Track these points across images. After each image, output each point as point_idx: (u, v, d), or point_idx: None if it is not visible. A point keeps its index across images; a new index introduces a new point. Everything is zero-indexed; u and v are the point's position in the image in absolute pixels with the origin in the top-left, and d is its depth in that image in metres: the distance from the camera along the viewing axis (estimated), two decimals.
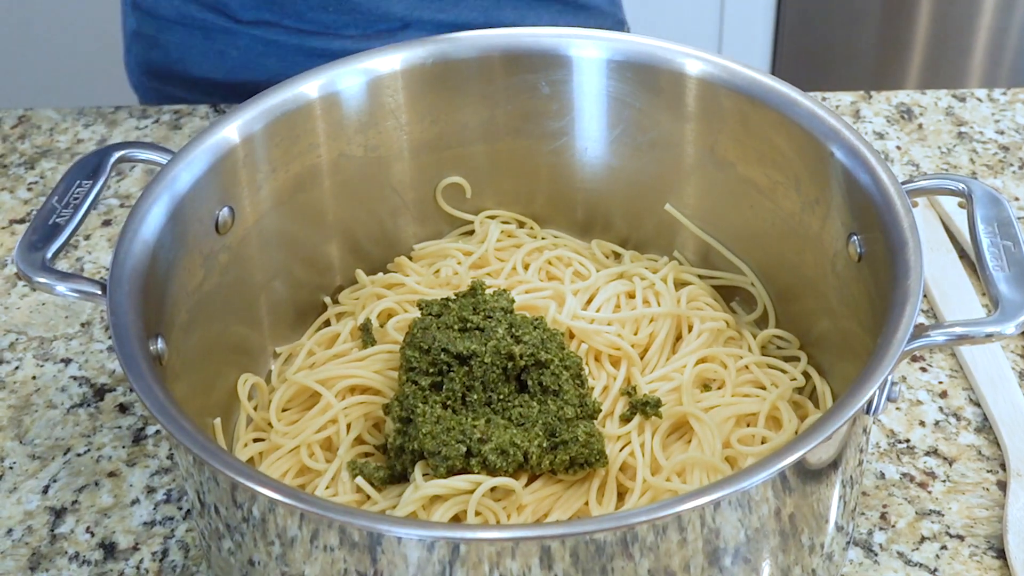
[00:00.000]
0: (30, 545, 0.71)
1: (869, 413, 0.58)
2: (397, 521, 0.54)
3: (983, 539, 0.69)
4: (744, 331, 0.75)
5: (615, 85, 0.76)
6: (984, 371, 0.78)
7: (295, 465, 0.69)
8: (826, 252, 0.69)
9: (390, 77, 0.74)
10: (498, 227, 0.81)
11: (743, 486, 0.52)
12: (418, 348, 0.68)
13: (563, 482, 0.66)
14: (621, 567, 0.53)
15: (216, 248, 0.69)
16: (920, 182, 0.66)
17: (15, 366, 0.82)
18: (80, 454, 0.76)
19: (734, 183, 0.75)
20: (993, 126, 1.00)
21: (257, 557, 0.57)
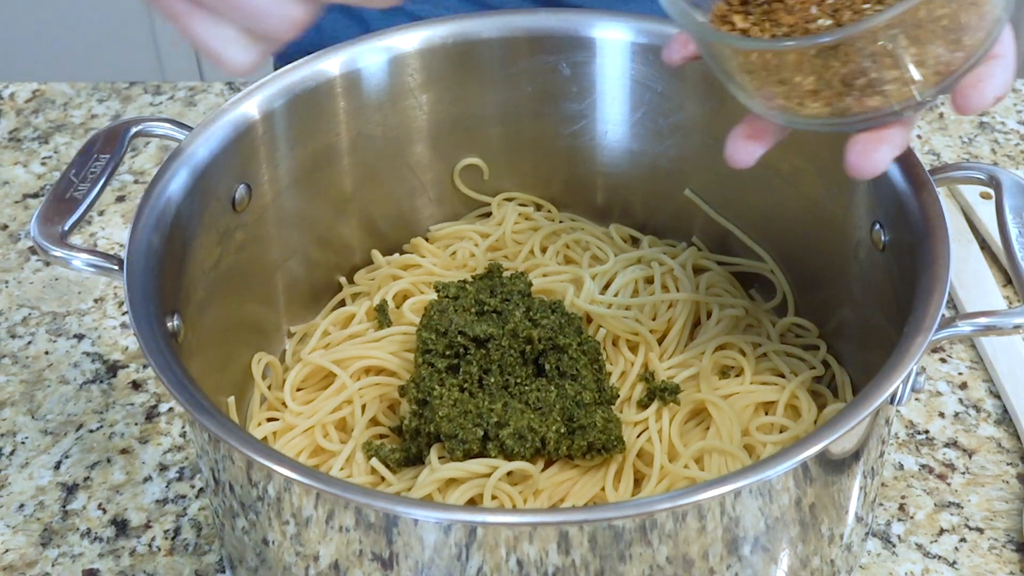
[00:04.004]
0: (42, 521, 0.70)
1: (893, 404, 0.57)
2: (415, 503, 0.54)
3: (1003, 532, 0.69)
4: (763, 318, 0.75)
5: (638, 68, 0.75)
6: (1005, 363, 0.77)
7: (309, 445, 0.68)
8: (849, 240, 0.69)
9: (411, 56, 0.74)
10: (516, 210, 0.80)
11: (766, 475, 0.51)
12: (435, 330, 0.67)
13: (579, 467, 0.65)
14: (639, 553, 0.52)
15: (233, 226, 0.69)
16: (947, 171, 0.65)
17: (28, 341, 0.82)
18: (92, 430, 0.76)
19: (756, 169, 0.73)
20: (1015, 116, 0.99)
21: (271, 536, 0.57)
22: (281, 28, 0.48)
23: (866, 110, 0.54)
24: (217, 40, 0.48)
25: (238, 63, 0.49)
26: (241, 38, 0.48)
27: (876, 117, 0.54)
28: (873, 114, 0.54)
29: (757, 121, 0.58)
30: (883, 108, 0.54)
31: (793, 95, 0.54)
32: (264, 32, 0.48)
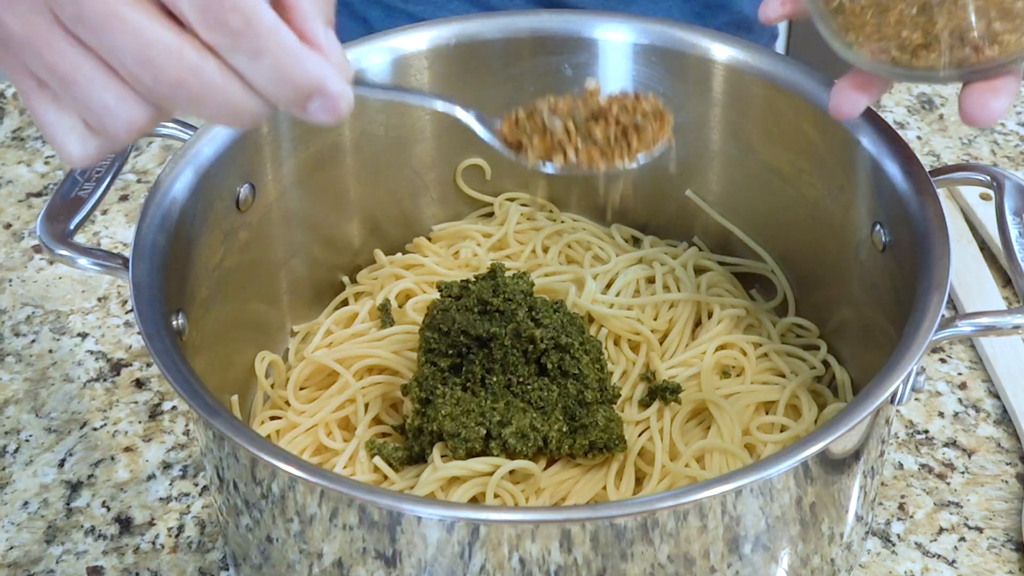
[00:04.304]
0: (46, 518, 0.71)
1: (893, 403, 0.58)
2: (418, 500, 0.54)
3: (1002, 531, 0.69)
4: (764, 318, 0.75)
5: (640, 69, 0.75)
6: (1004, 363, 0.78)
7: (312, 444, 0.68)
8: (849, 241, 0.69)
9: (415, 56, 0.74)
10: (518, 209, 0.81)
11: (766, 474, 0.51)
12: (437, 329, 0.67)
13: (581, 466, 0.66)
14: (641, 552, 0.52)
15: (236, 225, 0.69)
16: (947, 172, 0.65)
17: (31, 339, 0.82)
18: (96, 428, 0.76)
19: (757, 169, 0.75)
20: (1015, 118, 1.00)
21: (275, 534, 0.57)
22: (121, 129, 0.45)
23: (982, 61, 0.54)
24: (58, 126, 0.46)
25: (74, 155, 0.46)
26: (81, 129, 0.46)
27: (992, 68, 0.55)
28: (988, 65, 0.54)
29: (863, 73, 0.59)
30: (999, 59, 0.54)
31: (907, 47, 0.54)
32: (103, 130, 0.45)
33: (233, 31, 0.42)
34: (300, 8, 0.45)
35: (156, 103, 0.44)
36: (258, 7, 0.43)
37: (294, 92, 0.44)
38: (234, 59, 0.43)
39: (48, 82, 0.44)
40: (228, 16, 0.42)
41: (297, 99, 0.45)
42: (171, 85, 0.43)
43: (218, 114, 0.45)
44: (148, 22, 0.42)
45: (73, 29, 0.43)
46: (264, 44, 0.43)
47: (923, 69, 0.56)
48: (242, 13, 0.42)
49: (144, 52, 0.42)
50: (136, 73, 0.43)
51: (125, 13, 0.42)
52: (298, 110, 0.45)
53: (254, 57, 0.43)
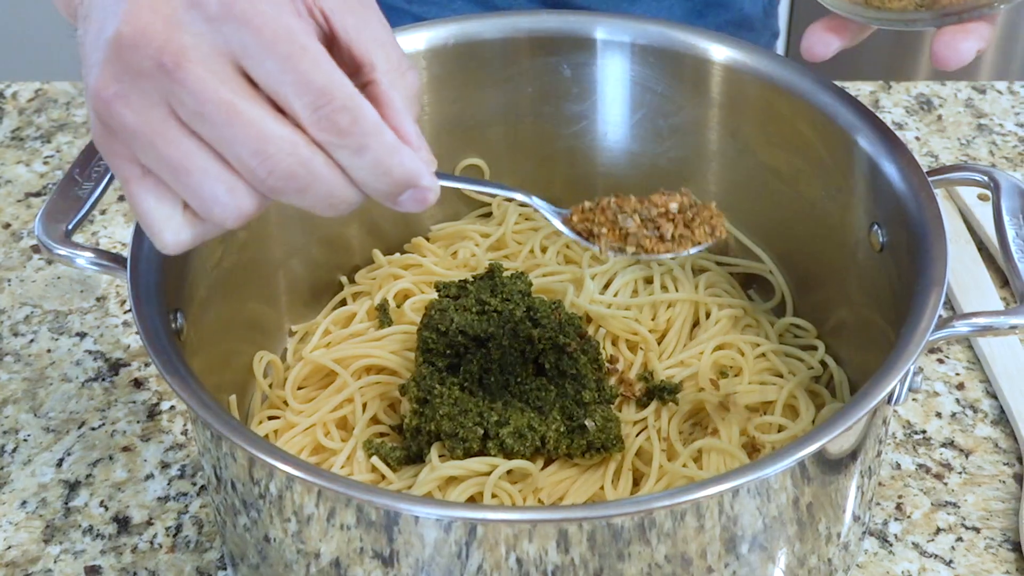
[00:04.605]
0: (44, 517, 0.71)
1: (890, 403, 0.58)
2: (415, 500, 0.54)
3: (999, 532, 0.69)
4: (761, 319, 0.75)
5: (638, 69, 0.75)
6: (1002, 363, 0.78)
7: (310, 443, 0.68)
8: (847, 241, 0.69)
9: (413, 57, 0.74)
10: (516, 210, 0.81)
11: (763, 474, 0.51)
12: (435, 330, 0.67)
13: (579, 466, 0.66)
14: (638, 552, 0.53)
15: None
16: (945, 172, 0.65)
17: (30, 339, 0.82)
18: (95, 428, 0.76)
19: (755, 170, 0.75)
20: (1013, 119, 1.00)
21: (273, 534, 0.57)
22: (229, 217, 0.47)
23: (953, 3, 0.55)
24: (157, 213, 0.48)
25: (168, 242, 0.48)
26: (180, 218, 0.48)
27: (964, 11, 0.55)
28: (960, 7, 0.55)
29: (839, 17, 0.60)
30: (970, 2, 0.54)
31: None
32: (209, 217, 0.47)
33: (341, 129, 0.45)
34: (394, 106, 0.48)
35: (265, 192, 0.46)
36: (363, 107, 0.45)
37: (392, 186, 0.47)
38: (339, 154, 0.46)
39: (158, 172, 0.46)
40: (338, 116, 0.45)
41: (393, 192, 0.48)
42: (283, 177, 0.46)
43: (320, 203, 0.47)
44: (265, 118, 0.45)
45: (190, 123, 0.45)
46: (368, 142, 0.46)
47: (896, 11, 0.56)
48: (350, 113, 0.45)
49: (261, 146, 0.45)
50: (251, 165, 0.45)
51: (245, 109, 0.44)
52: (390, 200, 0.48)
53: (358, 153, 0.46)
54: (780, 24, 1.77)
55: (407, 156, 0.47)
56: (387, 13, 0.92)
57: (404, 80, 0.49)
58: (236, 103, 0.44)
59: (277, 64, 0.44)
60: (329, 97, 0.45)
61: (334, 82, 0.45)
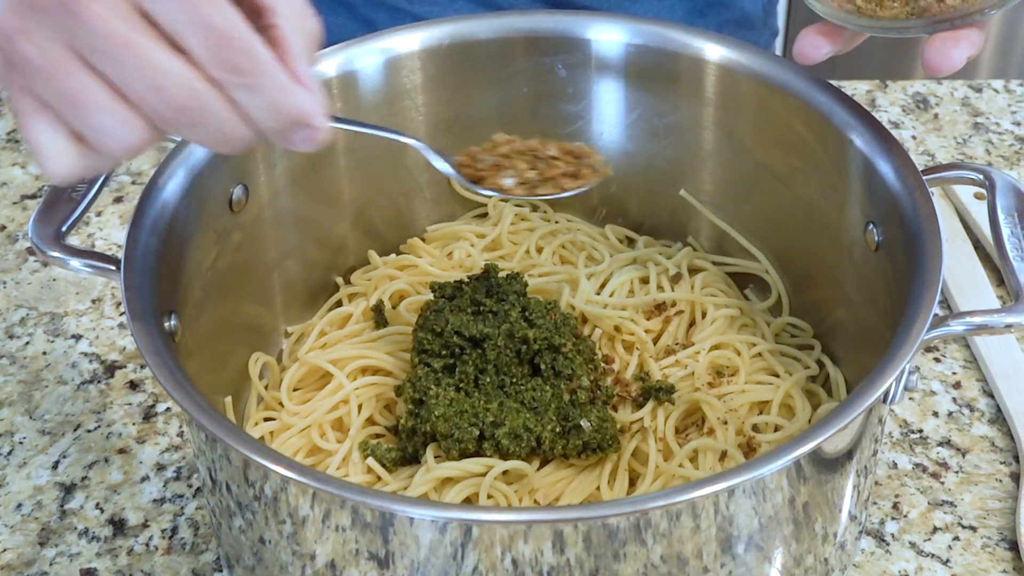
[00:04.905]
0: (39, 520, 0.71)
1: (886, 402, 0.58)
2: (410, 501, 0.54)
3: (996, 531, 0.69)
4: (758, 318, 0.75)
5: (633, 69, 0.75)
6: (998, 363, 0.78)
7: (306, 445, 0.68)
8: (843, 240, 0.69)
9: (408, 57, 0.74)
10: (512, 210, 0.81)
11: (758, 473, 0.51)
12: (431, 330, 0.67)
13: (574, 466, 0.66)
14: (634, 552, 0.52)
15: (230, 226, 0.69)
16: (941, 171, 0.65)
17: (25, 341, 0.82)
18: (90, 430, 0.76)
19: (751, 169, 0.75)
20: (1010, 117, 1.00)
21: (268, 536, 0.57)
22: (118, 149, 0.49)
23: (944, 11, 0.55)
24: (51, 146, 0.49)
25: (60, 172, 0.50)
26: (73, 149, 0.49)
27: (954, 19, 0.55)
28: (951, 15, 0.55)
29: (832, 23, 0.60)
30: (961, 9, 0.55)
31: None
32: (101, 149, 0.49)
33: (238, 69, 0.47)
34: (292, 50, 0.50)
35: (159, 125, 0.48)
36: (260, 48, 0.48)
37: (284, 123, 0.50)
38: (235, 92, 0.48)
39: (55, 105, 0.48)
40: (235, 56, 0.47)
41: (285, 129, 0.50)
42: (177, 110, 0.47)
43: (212, 138, 0.49)
44: (161, 53, 0.47)
45: (89, 58, 0.47)
46: (263, 81, 0.48)
47: (888, 19, 0.56)
48: (247, 54, 0.47)
49: (156, 79, 0.47)
50: (146, 97, 0.47)
51: (142, 45, 0.46)
52: (283, 138, 0.51)
53: (253, 92, 0.48)
54: (779, 24, 1.78)
55: (300, 95, 0.49)
56: (389, 13, 0.93)
57: (304, 25, 0.51)
58: (133, 38, 0.46)
59: (176, 4, 0.46)
60: (228, 39, 0.47)
61: (232, 23, 0.47)
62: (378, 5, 0.94)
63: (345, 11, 0.95)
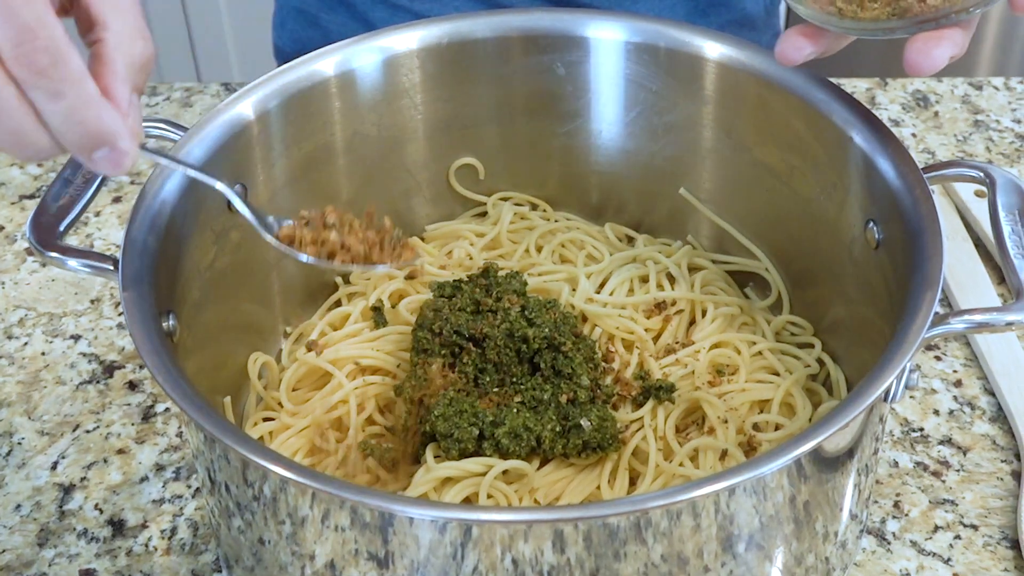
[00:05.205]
0: (38, 521, 0.71)
1: (887, 401, 0.58)
2: (410, 501, 0.54)
3: (997, 529, 0.69)
4: (758, 317, 0.75)
5: (632, 67, 0.75)
6: (999, 361, 0.77)
7: (305, 445, 0.68)
8: (843, 238, 0.69)
9: (406, 56, 0.74)
10: (511, 209, 0.80)
11: (759, 472, 0.51)
12: (430, 330, 0.67)
13: (575, 466, 0.66)
14: (634, 552, 0.52)
15: (228, 226, 0.69)
16: (941, 169, 0.65)
17: (24, 342, 0.82)
18: (89, 431, 0.76)
19: (750, 167, 0.74)
20: (1010, 115, 1.00)
21: (267, 536, 0.57)
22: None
23: (926, 11, 0.55)
24: None
25: None
26: None
27: (933, 19, 0.55)
28: (932, 15, 0.55)
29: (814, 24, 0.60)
30: (942, 8, 0.54)
31: None
32: None
33: (39, 69, 0.45)
34: (113, 67, 0.48)
35: None
36: (68, 52, 0.45)
37: (84, 138, 0.47)
38: (33, 94, 0.45)
39: None
40: (37, 55, 0.44)
41: (86, 145, 0.48)
42: None
43: (8, 140, 0.47)
44: None
45: None
46: (65, 88, 0.46)
47: (869, 20, 0.56)
48: (51, 55, 0.45)
49: None
50: None
51: None
52: (83, 155, 0.48)
53: (54, 97, 0.46)
54: (781, 24, 1.78)
55: (106, 112, 0.47)
56: (389, 11, 0.93)
57: (132, 46, 0.49)
58: None
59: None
60: (32, 35, 0.44)
61: (41, 22, 0.45)
62: (377, 3, 0.94)
63: (344, 10, 0.95)
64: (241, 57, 1.94)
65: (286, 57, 0.70)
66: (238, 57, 1.94)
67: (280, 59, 1.00)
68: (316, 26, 0.96)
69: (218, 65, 1.94)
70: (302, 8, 0.97)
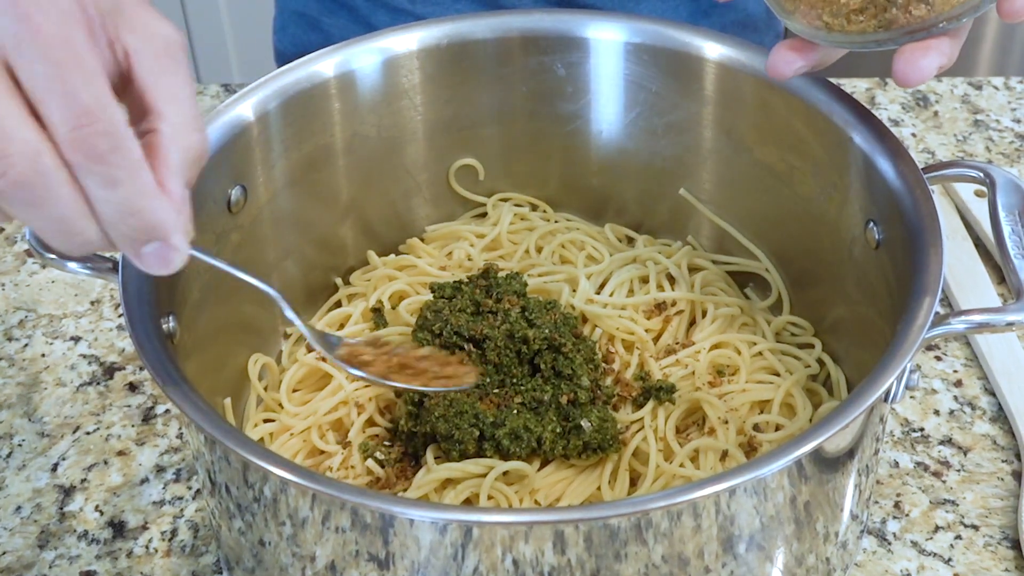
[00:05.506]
0: (39, 523, 0.71)
1: (887, 401, 0.58)
2: (410, 503, 0.54)
3: (998, 529, 0.69)
4: (758, 317, 0.75)
5: (632, 68, 0.75)
6: (1000, 360, 0.77)
7: (305, 446, 0.68)
8: (843, 238, 0.69)
9: (406, 57, 0.74)
10: (511, 210, 0.80)
11: (759, 473, 0.51)
12: (430, 331, 0.67)
13: (575, 467, 0.66)
14: (635, 552, 0.52)
15: (228, 227, 0.69)
16: (941, 169, 0.65)
17: (24, 344, 0.82)
18: (89, 432, 0.76)
19: (750, 168, 0.74)
20: (1009, 114, 1.00)
21: (268, 537, 0.57)
22: None
23: (912, 22, 0.55)
24: None
25: None
26: None
27: (922, 29, 0.55)
28: (919, 25, 0.55)
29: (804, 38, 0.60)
30: (928, 19, 0.54)
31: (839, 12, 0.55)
32: None
33: (97, 154, 0.42)
34: (168, 160, 0.45)
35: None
36: (128, 139, 0.43)
37: (137, 231, 0.45)
38: (87, 180, 0.43)
39: None
40: (97, 139, 0.42)
41: (137, 239, 0.45)
42: (15, 183, 0.42)
43: (51, 227, 0.44)
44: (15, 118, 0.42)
45: None
46: (123, 176, 0.43)
47: (857, 33, 0.56)
48: (111, 140, 0.42)
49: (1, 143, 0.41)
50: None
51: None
52: (132, 249, 0.46)
53: (110, 185, 0.43)
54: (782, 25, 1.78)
55: (162, 204, 0.44)
56: (390, 14, 0.93)
57: (188, 139, 0.46)
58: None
59: (46, 69, 0.41)
60: (92, 118, 0.42)
61: (102, 105, 0.42)
62: (379, 6, 0.94)
63: (346, 13, 0.95)
64: (241, 58, 1.94)
65: (287, 61, 0.70)
66: (238, 58, 1.95)
67: (281, 63, 1.00)
68: (317, 30, 0.96)
69: (218, 66, 1.94)
70: (303, 12, 0.97)
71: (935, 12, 0.55)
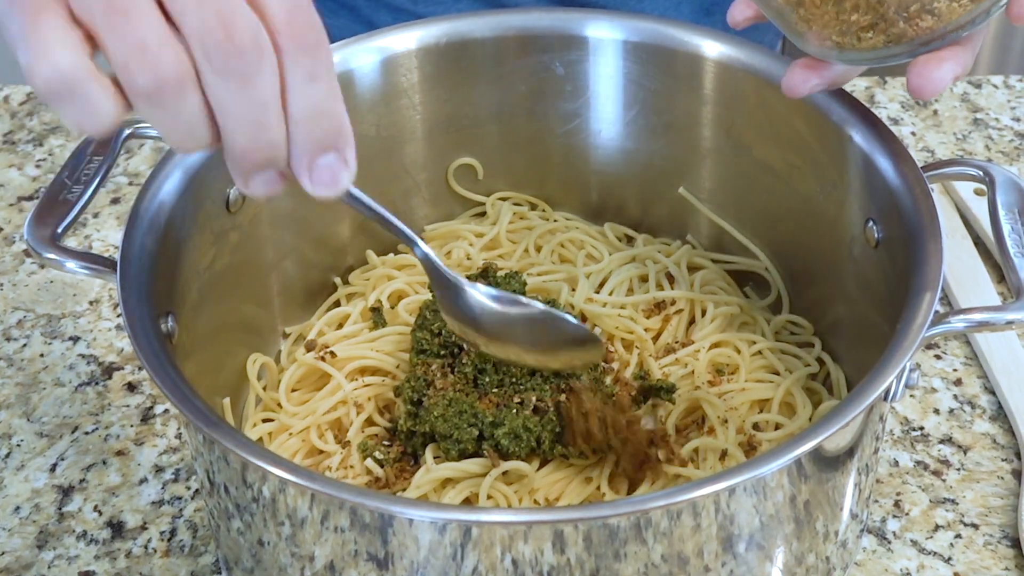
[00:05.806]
0: (37, 523, 0.70)
1: (887, 400, 0.58)
2: (409, 503, 0.54)
3: (998, 528, 0.69)
4: (758, 316, 0.75)
5: (631, 67, 0.75)
6: (999, 359, 0.77)
7: (304, 446, 0.68)
8: (843, 237, 0.69)
9: (404, 56, 0.74)
10: (510, 209, 0.80)
11: (759, 472, 0.51)
12: (429, 330, 0.67)
13: (575, 466, 0.65)
14: (634, 552, 0.52)
15: (227, 227, 0.69)
16: (941, 167, 0.65)
17: (23, 344, 0.82)
18: (88, 432, 0.76)
19: (750, 166, 0.74)
20: (1009, 113, 0.99)
21: (267, 537, 0.57)
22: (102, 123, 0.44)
23: (920, 34, 0.55)
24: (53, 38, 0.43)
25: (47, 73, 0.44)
26: None
27: (933, 40, 0.55)
28: (928, 36, 0.55)
29: None
30: (937, 30, 0.54)
31: (849, 31, 0.55)
32: None
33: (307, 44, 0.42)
34: None
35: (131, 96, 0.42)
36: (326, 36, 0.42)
37: (325, 133, 0.43)
38: (292, 72, 0.42)
39: None
40: (308, 30, 0.41)
41: (320, 146, 0.44)
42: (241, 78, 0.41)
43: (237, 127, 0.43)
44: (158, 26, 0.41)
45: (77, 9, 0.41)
46: (323, 72, 0.42)
47: (867, 50, 0.56)
48: (317, 32, 0.41)
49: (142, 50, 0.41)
50: (127, 62, 0.41)
51: (138, 9, 0.41)
52: (308, 160, 0.44)
53: (311, 79, 0.42)
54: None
55: (345, 112, 0.43)
56: (392, 14, 0.93)
57: None
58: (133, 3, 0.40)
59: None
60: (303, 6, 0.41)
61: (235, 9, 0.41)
62: (381, 6, 0.94)
63: (347, 13, 0.95)
64: None
65: None
66: None
67: None
68: None
69: None
70: None
71: (943, 22, 0.55)
